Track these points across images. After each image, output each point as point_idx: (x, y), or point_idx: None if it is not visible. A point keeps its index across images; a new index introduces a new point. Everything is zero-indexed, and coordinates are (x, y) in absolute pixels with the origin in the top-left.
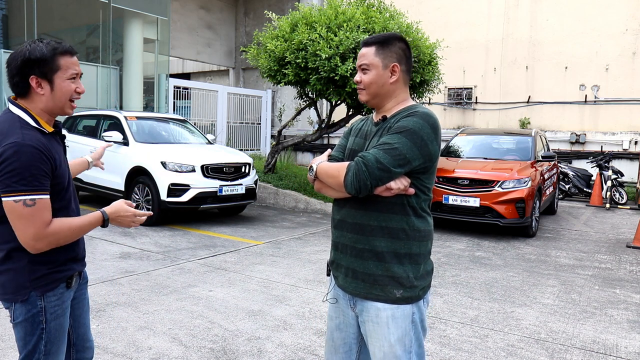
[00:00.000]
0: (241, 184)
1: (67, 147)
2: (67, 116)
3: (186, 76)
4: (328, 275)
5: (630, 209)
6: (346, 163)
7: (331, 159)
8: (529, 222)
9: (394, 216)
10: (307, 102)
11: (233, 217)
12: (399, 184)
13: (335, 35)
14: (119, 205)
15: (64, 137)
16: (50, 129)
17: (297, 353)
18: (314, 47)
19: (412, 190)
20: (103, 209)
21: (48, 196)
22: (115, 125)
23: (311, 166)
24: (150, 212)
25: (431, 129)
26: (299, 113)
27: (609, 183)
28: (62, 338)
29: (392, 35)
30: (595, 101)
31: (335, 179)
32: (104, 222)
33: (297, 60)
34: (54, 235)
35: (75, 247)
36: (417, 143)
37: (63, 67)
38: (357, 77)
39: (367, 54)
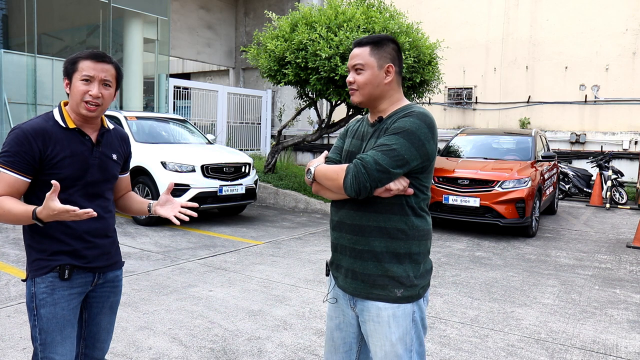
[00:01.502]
0: (241, 184)
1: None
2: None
3: (186, 76)
4: (327, 275)
5: (630, 209)
6: (345, 165)
7: (328, 160)
8: (529, 222)
9: (393, 216)
10: (307, 102)
11: (233, 217)
12: (398, 185)
13: (335, 35)
14: (46, 205)
15: (99, 141)
16: (71, 125)
17: (297, 353)
18: (314, 47)
19: (411, 191)
20: (37, 209)
21: (13, 174)
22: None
23: (309, 169)
24: (89, 210)
25: (428, 128)
26: (299, 113)
27: (609, 183)
28: (58, 330)
29: (385, 37)
30: (595, 101)
31: (334, 181)
32: (35, 219)
33: (297, 60)
34: None
35: (71, 241)
36: (415, 143)
37: (79, 69)
38: (350, 78)
39: (362, 54)
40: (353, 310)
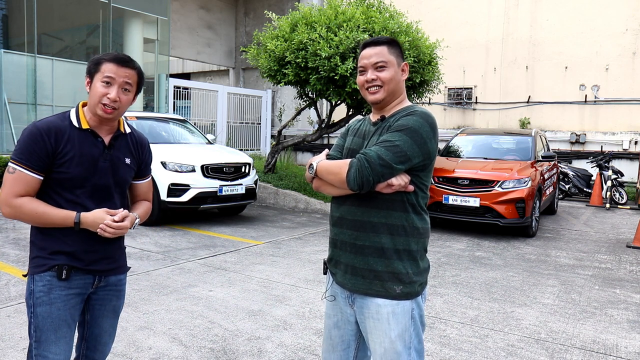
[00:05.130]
0: (241, 184)
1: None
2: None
3: (186, 76)
4: (325, 273)
5: (630, 209)
6: (348, 160)
7: (329, 158)
8: (529, 222)
9: (394, 213)
10: (307, 102)
11: (233, 217)
12: (400, 181)
13: (335, 35)
14: (98, 216)
15: (111, 145)
16: (85, 126)
17: (297, 353)
18: (314, 47)
19: (411, 188)
20: (82, 214)
21: (31, 173)
22: None
23: (311, 164)
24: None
25: (430, 127)
26: (299, 113)
27: (609, 183)
28: (52, 329)
29: (393, 38)
30: (595, 101)
31: (337, 175)
32: (75, 225)
33: (297, 60)
34: (17, 207)
35: (73, 243)
36: (417, 141)
37: (101, 71)
38: (371, 76)
39: (382, 52)
40: (351, 308)
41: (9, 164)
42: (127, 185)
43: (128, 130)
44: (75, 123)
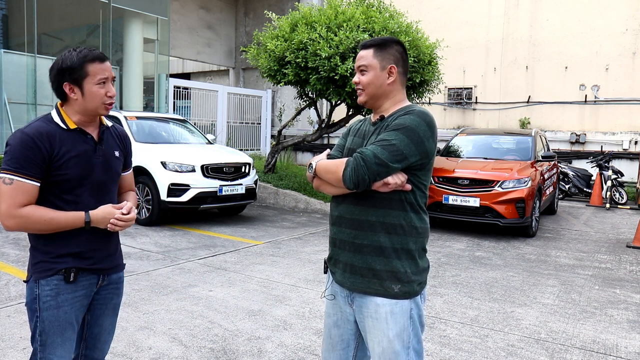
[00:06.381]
0: (241, 184)
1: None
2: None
3: (186, 76)
4: (325, 272)
5: (630, 209)
6: (345, 159)
7: (330, 157)
8: (529, 222)
9: (392, 212)
10: (307, 102)
11: (233, 217)
12: (396, 179)
13: (335, 35)
14: (107, 211)
15: (100, 139)
16: (72, 126)
17: (297, 353)
18: (314, 47)
19: (408, 187)
20: (91, 212)
21: (30, 181)
22: None
23: (310, 164)
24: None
25: (427, 126)
26: (299, 113)
27: (609, 183)
28: (59, 332)
29: (390, 39)
30: (595, 101)
31: (334, 174)
32: (86, 224)
33: (297, 60)
34: (24, 218)
35: (78, 243)
36: (414, 140)
37: (91, 74)
38: (355, 79)
39: (366, 56)
40: (350, 307)
41: (2, 174)
42: (118, 178)
43: (109, 123)
44: (61, 125)
